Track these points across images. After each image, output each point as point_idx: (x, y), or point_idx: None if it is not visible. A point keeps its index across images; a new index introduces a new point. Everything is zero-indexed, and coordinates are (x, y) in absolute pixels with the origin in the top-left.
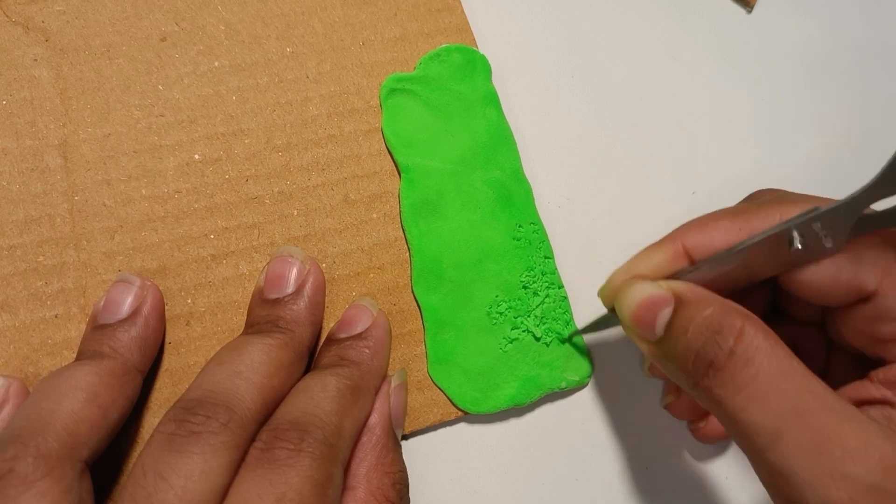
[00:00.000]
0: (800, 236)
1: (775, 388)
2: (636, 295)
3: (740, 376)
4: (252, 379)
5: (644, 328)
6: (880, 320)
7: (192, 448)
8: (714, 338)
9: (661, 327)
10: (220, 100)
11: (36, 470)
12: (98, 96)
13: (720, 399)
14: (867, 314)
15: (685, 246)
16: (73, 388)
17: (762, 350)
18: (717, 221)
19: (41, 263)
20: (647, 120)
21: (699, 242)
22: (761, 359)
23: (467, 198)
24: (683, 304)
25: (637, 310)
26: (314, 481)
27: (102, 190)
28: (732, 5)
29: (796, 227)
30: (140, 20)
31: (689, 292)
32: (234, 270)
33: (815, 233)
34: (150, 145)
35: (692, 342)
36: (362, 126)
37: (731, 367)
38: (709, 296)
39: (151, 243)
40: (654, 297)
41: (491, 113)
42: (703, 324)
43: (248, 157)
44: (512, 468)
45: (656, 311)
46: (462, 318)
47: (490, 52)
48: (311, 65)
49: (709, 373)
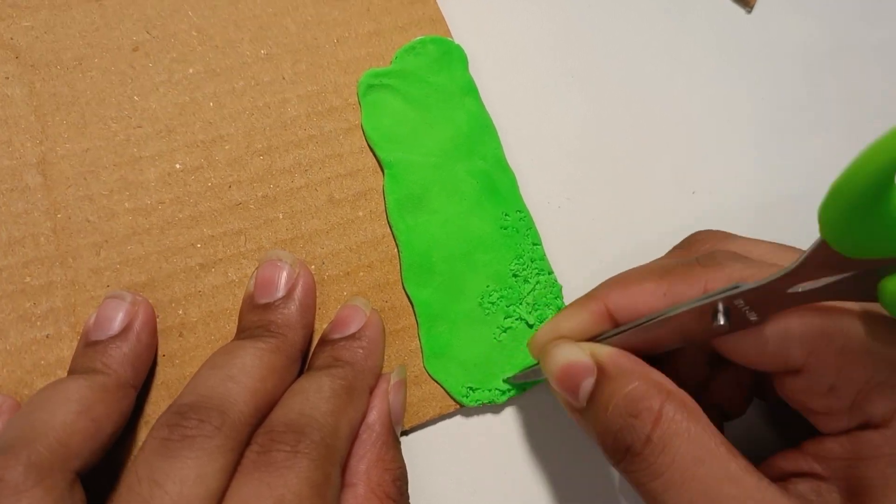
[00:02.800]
0: (724, 310)
1: (690, 476)
2: (559, 359)
3: (657, 463)
4: (244, 383)
5: (567, 393)
6: (808, 394)
7: (186, 453)
8: (631, 422)
9: (583, 398)
10: (197, 107)
11: (27, 479)
12: (73, 111)
13: (639, 482)
14: (797, 387)
15: (608, 307)
16: (66, 400)
17: (679, 435)
18: (641, 283)
19: (28, 284)
20: (646, 120)
21: (622, 305)
22: (678, 444)
23: (452, 190)
24: (605, 376)
25: (560, 374)
26: (312, 483)
27: (85, 206)
28: (732, 5)
29: (720, 300)
30: (110, 31)
31: (612, 364)
32: (224, 278)
33: (739, 308)
34: (130, 157)
35: (611, 423)
36: (342, 124)
37: (647, 454)
38: (631, 369)
39: (138, 256)
40: (577, 365)
41: (470, 103)
42: (621, 404)
43: (229, 162)
44: (512, 463)
45: (579, 381)
46: (455, 310)
47: (465, 41)
48: (287, 66)
49: (626, 457)
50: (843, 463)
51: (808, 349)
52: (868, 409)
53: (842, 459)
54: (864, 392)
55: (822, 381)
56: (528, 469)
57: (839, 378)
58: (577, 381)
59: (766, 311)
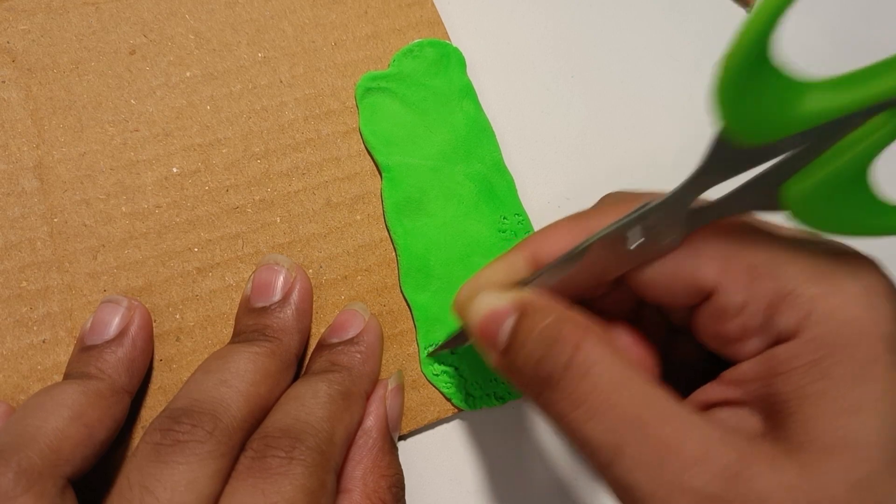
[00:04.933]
0: (635, 233)
1: (613, 402)
2: (480, 307)
3: (577, 390)
4: (238, 387)
5: (488, 340)
6: (722, 318)
7: (177, 458)
8: (550, 350)
9: (503, 338)
10: (194, 110)
11: (16, 485)
12: (70, 115)
13: (559, 414)
14: (710, 314)
15: (531, 253)
16: (59, 406)
17: (599, 362)
18: (558, 226)
19: (25, 289)
20: (646, 120)
21: (543, 249)
22: (599, 371)
23: (450, 193)
24: (525, 314)
25: (481, 322)
26: (307, 489)
27: (81, 210)
28: (732, 5)
29: (630, 223)
30: (107, 34)
31: (531, 302)
32: (221, 282)
33: (650, 229)
34: (127, 161)
35: (531, 354)
36: (340, 127)
37: (567, 381)
38: (550, 305)
39: (135, 261)
40: (498, 309)
41: (468, 106)
42: (541, 335)
43: (226, 166)
44: (509, 468)
45: (500, 323)
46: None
47: (463, 44)
48: (284, 69)
49: (546, 386)
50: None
51: (718, 266)
52: (778, 322)
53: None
54: (773, 305)
55: (734, 299)
56: (527, 473)
57: (749, 294)
58: (498, 324)
59: (676, 232)
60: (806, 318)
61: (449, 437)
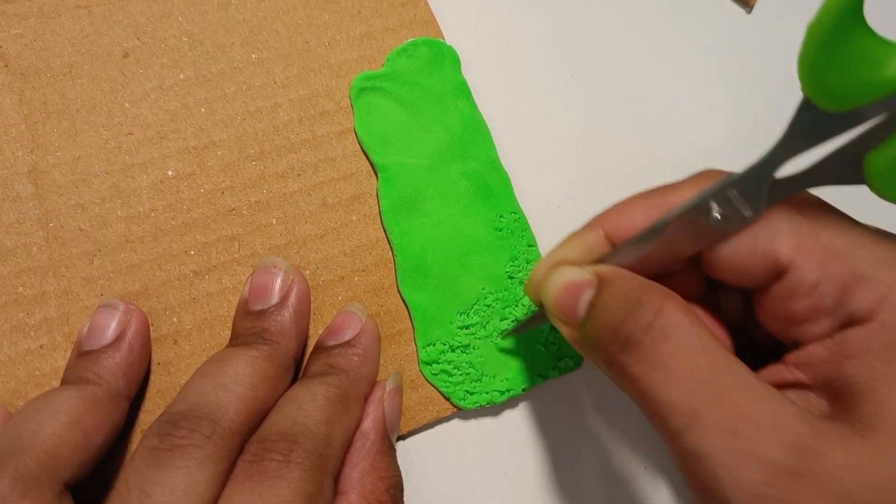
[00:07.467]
0: (717, 206)
1: (693, 365)
2: (559, 280)
3: (658, 352)
4: (236, 391)
5: (566, 312)
6: (793, 297)
7: (175, 462)
8: (633, 313)
9: (582, 309)
10: (188, 113)
11: (13, 491)
12: (64, 119)
13: (636, 377)
14: (781, 293)
15: (606, 231)
16: (56, 411)
17: (682, 326)
18: (634, 202)
19: (21, 294)
20: (646, 120)
21: (619, 225)
22: (680, 335)
23: (446, 192)
24: (605, 284)
25: (560, 294)
26: (304, 492)
27: (77, 214)
28: (732, 5)
29: (713, 197)
30: (100, 37)
31: (612, 273)
32: (218, 285)
33: (732, 201)
34: (122, 165)
35: (611, 318)
36: (335, 128)
37: (648, 343)
38: (631, 275)
39: (131, 264)
40: (577, 281)
41: (463, 104)
42: (622, 299)
43: (222, 168)
44: (508, 467)
45: (578, 294)
46: (450, 313)
47: (458, 42)
48: (278, 70)
49: (626, 348)
50: (828, 366)
51: (795, 242)
52: (852, 305)
53: (826, 363)
54: (847, 286)
55: (807, 277)
56: (527, 472)
57: (823, 273)
58: (577, 296)
59: (758, 203)
60: (881, 302)
61: (448, 435)
